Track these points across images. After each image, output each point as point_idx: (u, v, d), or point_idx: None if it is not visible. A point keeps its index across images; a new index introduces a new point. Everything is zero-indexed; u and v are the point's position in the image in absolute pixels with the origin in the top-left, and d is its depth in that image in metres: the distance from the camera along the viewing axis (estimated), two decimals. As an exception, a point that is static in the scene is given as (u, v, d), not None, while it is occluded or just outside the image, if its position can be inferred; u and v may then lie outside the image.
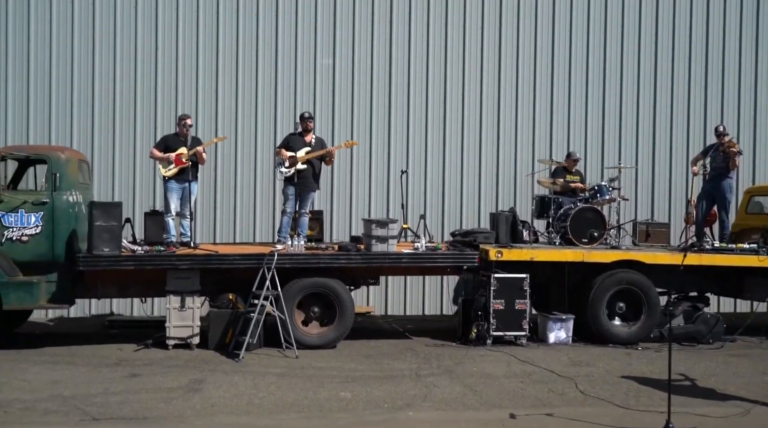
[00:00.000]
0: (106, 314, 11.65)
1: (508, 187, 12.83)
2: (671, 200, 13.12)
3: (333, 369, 8.08)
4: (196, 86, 12.24)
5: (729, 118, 13.10)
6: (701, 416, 6.40)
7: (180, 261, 9.01)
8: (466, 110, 12.78)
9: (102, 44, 12.09)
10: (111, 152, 12.08)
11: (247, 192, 12.28)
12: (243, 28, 12.35)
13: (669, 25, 13.21)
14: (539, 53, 12.95)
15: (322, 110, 12.43)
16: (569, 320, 9.73)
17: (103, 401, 6.66)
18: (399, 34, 12.66)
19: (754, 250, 10.02)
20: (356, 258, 9.47)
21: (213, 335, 8.98)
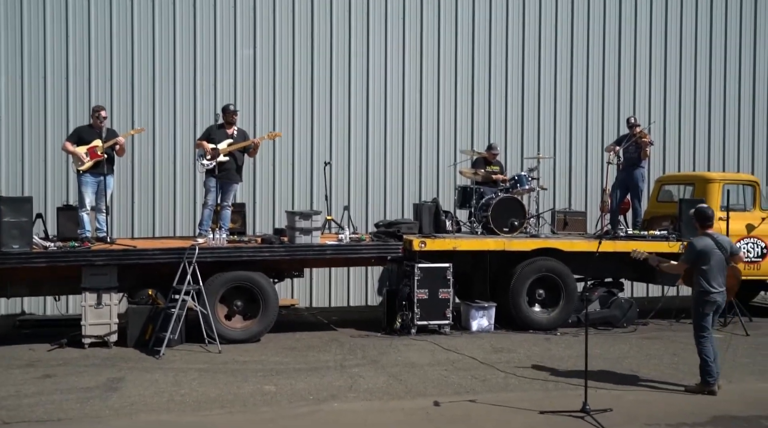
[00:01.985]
0: (17, 313, 11.16)
1: (430, 178, 12.96)
2: (587, 189, 13.54)
3: (257, 363, 7.99)
4: (110, 76, 11.82)
5: (640, 109, 13.61)
6: (617, 397, 6.65)
7: (96, 257, 8.71)
8: (388, 101, 12.82)
9: (8, 34, 11.52)
10: (20, 144, 11.54)
11: (166, 185, 11.97)
12: (159, 15, 12.00)
13: (584, 16, 13.60)
14: (460, 44, 13.11)
15: (243, 101, 12.22)
16: (491, 308, 9.92)
17: (15, 403, 6.38)
18: (321, 25, 12.57)
19: (664, 237, 10.46)
20: (280, 251, 9.39)
21: (132, 332, 8.73)
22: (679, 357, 8.37)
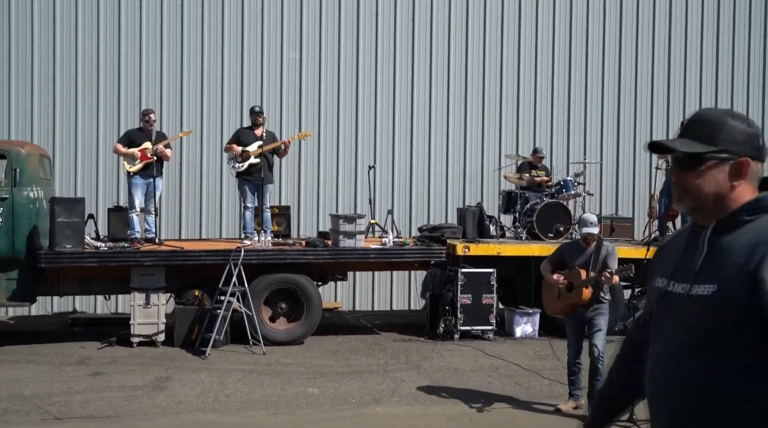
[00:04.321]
0: (68, 311, 11.45)
1: (475, 182, 12.89)
2: (635, 194, 13.31)
3: (300, 365, 8.05)
4: (160, 80, 12.07)
5: (691, 112, 13.29)
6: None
7: (144, 258, 8.89)
8: (433, 105, 12.81)
9: (63, 38, 11.86)
10: (73, 146, 11.86)
11: (214, 187, 12.16)
12: (208, 21, 12.20)
13: (633, 21, 13.38)
14: (506, 49, 13.02)
15: (288, 104, 12.35)
16: (535, 314, 9.82)
17: (66, 400, 6.54)
18: (366, 29, 12.63)
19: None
20: (324, 254, 9.44)
21: (179, 332, 8.88)
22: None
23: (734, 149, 1.89)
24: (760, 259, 1.76)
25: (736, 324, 1.77)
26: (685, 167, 1.93)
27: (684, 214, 1.96)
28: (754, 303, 1.74)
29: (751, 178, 1.91)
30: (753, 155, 1.90)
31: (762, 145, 1.93)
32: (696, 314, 1.85)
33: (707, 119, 1.94)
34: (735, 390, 1.77)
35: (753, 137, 1.91)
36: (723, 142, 1.89)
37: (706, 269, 1.87)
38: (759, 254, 1.77)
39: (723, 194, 1.89)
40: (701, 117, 1.96)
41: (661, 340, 1.95)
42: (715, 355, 1.80)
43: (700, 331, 1.83)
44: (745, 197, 1.89)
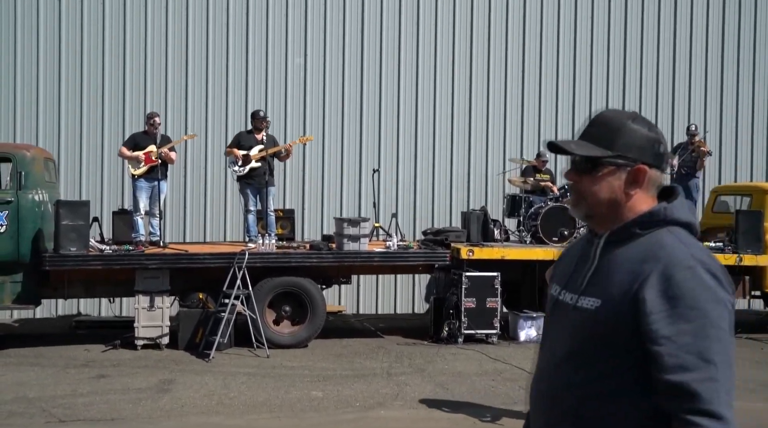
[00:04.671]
0: (73, 314, 11.47)
1: (479, 186, 12.89)
2: (639, 199, 13.26)
3: (304, 369, 8.05)
4: (165, 84, 12.10)
5: (696, 118, 13.30)
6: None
7: (149, 261, 8.90)
8: (438, 108, 12.81)
9: (69, 42, 11.90)
10: (78, 150, 11.89)
11: (218, 191, 12.17)
12: (213, 25, 12.23)
13: (637, 23, 13.38)
14: (510, 53, 13.03)
15: (293, 108, 12.37)
16: (540, 318, 9.80)
17: (70, 402, 6.55)
18: (370, 33, 12.64)
19: (720, 248, 10.18)
20: (328, 257, 9.45)
21: (183, 335, 8.89)
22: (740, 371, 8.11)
23: (632, 155, 1.78)
24: (644, 278, 1.68)
25: (615, 341, 1.70)
26: (581, 171, 1.83)
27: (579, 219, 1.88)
28: (634, 323, 1.67)
29: (648, 186, 1.81)
30: (651, 162, 1.80)
31: (662, 152, 1.82)
32: (580, 327, 1.77)
33: (608, 121, 1.83)
34: (611, 409, 1.70)
35: (653, 142, 1.80)
36: (621, 146, 1.78)
37: (593, 281, 1.79)
38: (644, 274, 1.68)
39: (618, 202, 1.79)
40: (602, 118, 1.85)
41: (547, 349, 1.89)
42: (594, 371, 1.72)
43: (582, 345, 1.76)
44: (641, 207, 1.79)
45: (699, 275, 1.65)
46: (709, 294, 1.65)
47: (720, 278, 1.68)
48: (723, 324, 1.66)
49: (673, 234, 1.75)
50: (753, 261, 9.96)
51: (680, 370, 1.60)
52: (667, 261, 1.68)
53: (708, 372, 1.61)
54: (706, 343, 1.62)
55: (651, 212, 1.77)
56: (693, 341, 1.61)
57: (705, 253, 1.73)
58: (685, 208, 1.81)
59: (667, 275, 1.66)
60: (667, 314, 1.63)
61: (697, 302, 1.63)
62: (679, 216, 1.78)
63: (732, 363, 1.67)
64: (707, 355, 1.61)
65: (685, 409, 1.60)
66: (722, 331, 1.65)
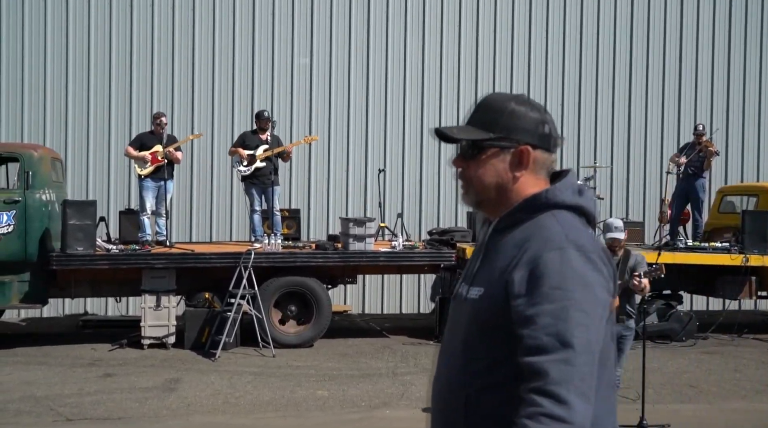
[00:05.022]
0: (79, 313, 11.52)
1: (485, 186, 12.86)
2: (645, 199, 13.26)
3: (310, 368, 8.06)
4: (171, 84, 12.14)
5: (702, 118, 13.27)
6: (675, 412, 6.48)
7: (155, 260, 8.93)
8: (443, 108, 12.82)
9: (75, 42, 11.94)
10: (85, 149, 11.94)
11: (224, 190, 12.20)
12: (219, 25, 12.27)
13: (644, 24, 13.35)
14: (516, 52, 13.02)
15: (299, 108, 12.39)
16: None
17: (77, 401, 6.58)
18: (376, 33, 12.65)
19: (726, 249, 10.16)
20: (333, 257, 9.46)
21: (189, 334, 8.91)
22: (741, 374, 8.12)
23: (515, 137, 1.72)
24: (517, 261, 1.61)
25: (499, 328, 1.60)
26: (467, 157, 1.78)
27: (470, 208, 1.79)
28: (508, 306, 1.59)
29: (535, 168, 1.74)
30: (536, 143, 1.73)
31: (549, 133, 1.75)
32: (469, 318, 1.70)
33: (490, 104, 1.77)
34: (503, 399, 1.59)
35: (537, 123, 1.73)
36: (503, 128, 1.72)
37: (481, 270, 1.73)
38: (518, 257, 1.61)
39: (505, 186, 1.73)
40: (485, 102, 1.79)
41: (444, 343, 1.83)
42: (484, 361, 1.65)
43: (472, 335, 1.69)
44: (529, 190, 1.72)
45: (568, 257, 1.57)
46: (576, 276, 1.55)
47: (594, 261, 1.60)
48: (589, 308, 1.54)
49: (555, 217, 1.67)
50: (759, 262, 9.93)
51: (537, 351, 1.51)
52: (540, 243, 1.61)
53: (564, 354, 1.49)
54: (567, 325, 1.51)
55: (534, 195, 1.71)
56: (553, 322, 1.51)
57: (584, 235, 1.65)
58: (570, 190, 1.73)
59: (536, 257, 1.59)
60: (531, 295, 1.55)
61: (563, 283, 1.54)
62: (563, 199, 1.70)
63: (593, 351, 1.53)
64: (566, 337, 1.50)
65: (531, 388, 1.49)
66: (587, 315, 1.53)
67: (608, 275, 1.63)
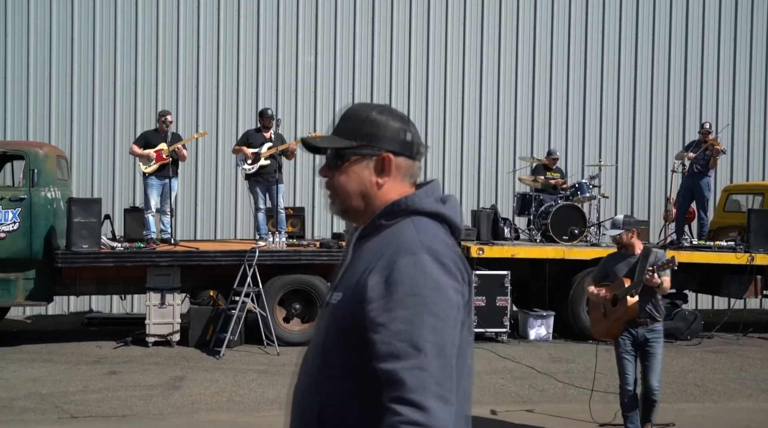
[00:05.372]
0: (84, 311, 11.54)
1: (489, 184, 12.88)
2: (650, 197, 13.24)
3: (314, 366, 8.06)
4: (176, 82, 12.15)
5: (707, 116, 13.22)
6: (679, 411, 6.47)
7: (160, 258, 8.94)
8: (448, 106, 12.81)
9: (81, 40, 11.97)
10: (90, 147, 11.96)
11: (229, 188, 12.22)
12: (224, 23, 12.27)
13: (648, 23, 13.31)
14: (520, 51, 13.00)
15: (303, 106, 12.40)
16: (550, 317, 9.79)
17: (82, 399, 6.60)
18: (381, 31, 12.64)
19: (731, 248, 10.14)
20: (338, 255, 9.45)
21: (193, 332, 8.93)
22: (747, 372, 8.10)
23: (377, 144, 1.75)
24: (372, 267, 1.63)
25: (353, 334, 1.61)
26: (332, 166, 1.79)
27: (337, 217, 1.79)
28: (362, 312, 1.59)
29: (398, 175, 1.77)
30: (398, 150, 1.77)
31: (410, 140, 1.79)
32: (326, 324, 1.72)
33: (352, 113, 1.81)
34: (354, 407, 1.62)
35: (398, 131, 1.78)
36: (365, 137, 1.75)
37: (343, 276, 1.74)
38: (373, 263, 1.63)
39: (368, 193, 1.76)
40: (348, 112, 1.83)
41: (307, 349, 1.82)
42: (337, 368, 1.66)
43: (328, 342, 1.70)
44: (392, 197, 1.75)
45: (421, 262, 1.59)
46: (429, 281, 1.57)
47: (447, 265, 1.61)
48: (441, 312, 1.56)
49: (412, 223, 1.69)
50: (765, 261, 9.91)
51: (391, 358, 1.53)
52: (395, 249, 1.63)
53: (417, 360, 1.52)
54: (420, 331, 1.53)
55: (394, 202, 1.73)
56: (406, 328, 1.53)
57: (437, 240, 1.66)
58: (431, 197, 1.76)
59: (390, 262, 1.60)
60: (385, 301, 1.57)
61: (416, 289, 1.56)
62: (421, 205, 1.73)
63: (448, 354, 1.55)
64: (418, 343, 1.53)
65: (391, 398, 1.52)
66: (440, 319, 1.56)
67: (462, 279, 1.64)
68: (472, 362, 1.73)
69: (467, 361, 1.69)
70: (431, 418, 1.49)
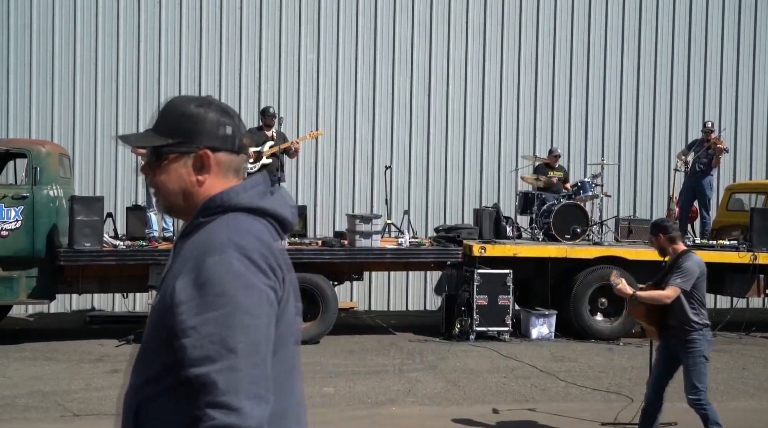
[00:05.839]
0: (87, 309, 11.55)
1: (491, 183, 12.86)
2: (653, 196, 13.22)
3: (316, 365, 8.06)
4: (179, 80, 12.15)
5: (710, 115, 13.20)
6: (682, 411, 6.46)
7: (162, 256, 8.93)
8: (450, 105, 12.79)
9: (83, 39, 11.97)
10: (92, 145, 11.97)
11: (231, 187, 12.19)
12: (226, 21, 12.27)
13: (652, 23, 13.29)
14: (523, 49, 12.98)
15: (306, 104, 12.39)
16: (552, 315, 9.78)
17: (84, 397, 6.60)
18: (383, 30, 12.63)
19: (734, 247, 10.12)
20: (340, 254, 9.46)
21: (195, 330, 8.91)
22: (749, 371, 8.09)
23: (194, 141, 1.68)
24: (184, 267, 1.58)
25: (168, 335, 1.56)
26: (152, 164, 1.73)
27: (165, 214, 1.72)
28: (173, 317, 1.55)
29: (221, 171, 1.70)
30: (218, 145, 1.69)
31: (231, 134, 1.72)
32: (148, 327, 1.69)
33: (170, 108, 1.73)
34: (166, 411, 1.58)
35: (218, 125, 1.70)
36: (182, 133, 1.68)
37: (165, 278, 1.69)
38: (186, 263, 1.59)
39: (190, 192, 1.70)
40: (167, 107, 1.75)
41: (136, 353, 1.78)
42: (152, 371, 1.62)
43: (148, 342, 1.67)
44: (214, 193, 1.69)
45: (229, 260, 1.54)
46: (239, 280, 1.53)
47: (256, 261, 1.56)
48: (254, 310, 1.53)
49: (227, 220, 1.64)
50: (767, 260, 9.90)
51: (203, 361, 1.49)
52: (204, 248, 1.58)
53: (229, 361, 1.48)
54: (231, 331, 1.50)
55: (211, 198, 1.68)
56: (217, 329, 1.50)
57: (248, 236, 1.60)
58: (251, 191, 1.69)
59: (199, 262, 1.56)
60: (194, 303, 1.53)
61: (225, 289, 1.52)
62: (238, 201, 1.67)
63: (262, 351, 1.53)
64: (230, 344, 1.49)
65: (204, 402, 1.48)
66: (252, 318, 1.52)
67: (275, 275, 1.60)
68: (294, 356, 1.70)
69: (289, 355, 1.67)
70: (243, 418, 1.47)
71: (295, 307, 1.72)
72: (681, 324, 5.13)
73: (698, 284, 5.17)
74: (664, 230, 5.32)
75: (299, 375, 1.78)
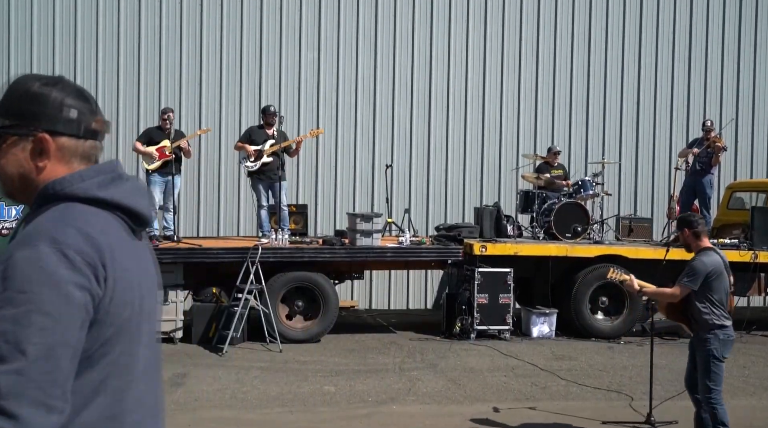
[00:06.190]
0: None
1: (492, 182, 12.86)
2: (654, 195, 13.21)
3: (317, 363, 8.07)
4: (179, 79, 12.15)
5: (711, 114, 13.20)
6: (683, 409, 6.46)
7: (163, 255, 8.93)
8: (451, 104, 12.79)
9: (84, 38, 11.97)
10: (93, 144, 11.95)
11: (231, 186, 12.22)
12: (227, 20, 12.26)
13: (653, 21, 13.28)
14: (524, 48, 12.97)
15: (306, 103, 12.38)
16: (552, 314, 9.78)
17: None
18: (384, 28, 12.63)
19: (735, 245, 10.11)
20: (340, 252, 9.46)
21: (196, 329, 8.94)
22: (750, 370, 8.08)
23: (32, 123, 1.55)
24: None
25: None
26: None
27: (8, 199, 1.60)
28: None
29: (63, 157, 1.58)
30: (60, 129, 1.56)
31: (76, 117, 1.58)
32: None
33: (13, 88, 1.60)
34: None
35: (62, 107, 1.57)
36: (20, 115, 1.56)
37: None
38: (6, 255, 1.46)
39: (29, 178, 1.58)
40: (11, 86, 1.61)
41: None
42: None
43: None
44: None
45: (38, 255, 1.42)
46: (44, 276, 1.41)
47: (72, 258, 1.43)
48: (54, 311, 1.40)
49: (59, 210, 1.52)
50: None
51: None
52: (21, 239, 1.47)
53: (17, 363, 1.36)
54: (26, 332, 1.38)
55: (45, 186, 1.56)
56: (13, 328, 1.38)
57: (71, 231, 1.47)
58: (92, 180, 1.57)
59: (8, 256, 1.45)
60: None
61: (27, 285, 1.40)
62: (72, 190, 1.55)
63: (57, 356, 1.40)
64: (22, 345, 1.37)
65: None
66: (51, 319, 1.40)
67: (95, 275, 1.46)
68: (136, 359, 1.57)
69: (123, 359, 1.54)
70: (21, 427, 1.36)
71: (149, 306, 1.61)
72: (696, 322, 5.16)
73: (711, 283, 5.12)
74: (690, 224, 5.32)
75: (151, 379, 1.65)
